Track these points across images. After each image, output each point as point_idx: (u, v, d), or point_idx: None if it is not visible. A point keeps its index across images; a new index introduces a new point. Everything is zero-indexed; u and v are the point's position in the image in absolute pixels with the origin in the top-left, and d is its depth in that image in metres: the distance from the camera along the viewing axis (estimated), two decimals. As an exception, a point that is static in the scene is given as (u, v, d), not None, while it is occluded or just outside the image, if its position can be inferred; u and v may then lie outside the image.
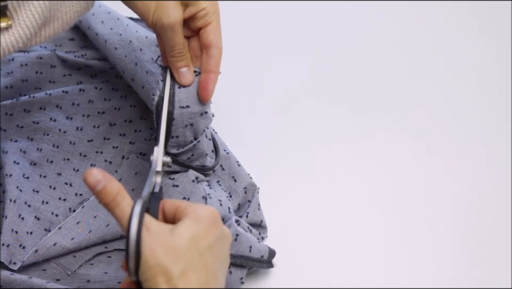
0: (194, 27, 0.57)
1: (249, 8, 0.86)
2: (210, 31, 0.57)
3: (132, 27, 0.70)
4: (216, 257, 0.48)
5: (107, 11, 0.72)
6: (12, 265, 0.60)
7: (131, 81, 0.68)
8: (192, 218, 0.48)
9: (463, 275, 0.63)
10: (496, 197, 0.69)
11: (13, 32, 0.48)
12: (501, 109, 0.77)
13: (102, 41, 0.70)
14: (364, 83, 0.79)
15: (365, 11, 0.87)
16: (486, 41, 0.84)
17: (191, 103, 0.59)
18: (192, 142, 0.60)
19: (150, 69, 0.65)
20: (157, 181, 0.53)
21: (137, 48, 0.67)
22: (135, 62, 0.66)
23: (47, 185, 0.66)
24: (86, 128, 0.70)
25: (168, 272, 0.44)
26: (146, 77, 0.65)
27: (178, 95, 0.58)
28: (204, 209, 0.49)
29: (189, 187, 0.60)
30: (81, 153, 0.69)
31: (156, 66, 0.65)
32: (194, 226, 0.47)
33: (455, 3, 0.88)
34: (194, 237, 0.46)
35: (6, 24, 0.48)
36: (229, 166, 0.67)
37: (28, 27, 0.48)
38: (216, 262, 0.48)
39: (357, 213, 0.67)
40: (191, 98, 0.59)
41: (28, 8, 0.48)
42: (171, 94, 0.58)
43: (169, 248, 0.45)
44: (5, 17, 0.47)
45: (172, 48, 0.57)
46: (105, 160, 0.69)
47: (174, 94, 0.58)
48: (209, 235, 0.48)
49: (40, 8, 0.48)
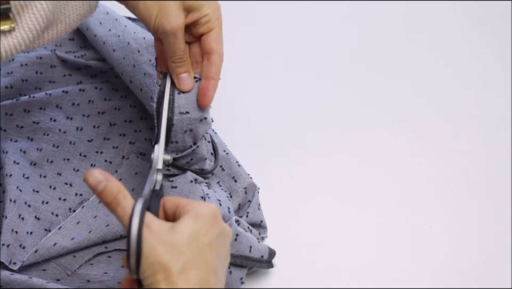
0: (196, 33, 0.57)
1: (248, 8, 0.86)
2: (212, 38, 0.57)
3: (130, 28, 0.70)
4: (216, 254, 0.48)
5: (105, 12, 0.72)
6: (12, 265, 0.60)
7: (129, 83, 0.68)
8: (192, 215, 0.48)
9: (463, 275, 0.63)
10: (496, 197, 0.69)
11: (16, 35, 0.47)
12: (502, 109, 0.77)
13: (100, 42, 0.70)
14: (363, 83, 0.79)
15: (365, 11, 0.87)
16: (486, 41, 0.84)
17: (190, 109, 0.59)
18: (191, 146, 0.60)
19: (148, 70, 0.65)
20: (157, 178, 0.53)
21: (135, 50, 0.67)
22: (133, 64, 0.66)
23: (47, 185, 0.66)
24: (86, 128, 0.70)
25: (167, 269, 0.45)
26: (144, 80, 0.65)
27: (178, 101, 0.58)
28: (204, 206, 0.49)
29: (187, 188, 0.60)
30: (81, 153, 0.69)
31: (153, 68, 0.64)
32: (194, 224, 0.47)
33: (456, 3, 0.88)
34: (194, 234, 0.47)
35: (8, 27, 0.47)
36: (229, 166, 0.67)
37: (31, 30, 0.48)
38: (216, 259, 0.48)
39: (356, 213, 0.67)
40: (191, 104, 0.59)
41: (31, 11, 0.47)
42: (171, 99, 0.58)
43: (168, 245, 0.45)
44: (8, 20, 0.47)
45: (173, 54, 0.57)
46: (105, 160, 0.69)
47: (173, 100, 0.58)
48: (209, 232, 0.48)
49: (43, 11, 0.48)
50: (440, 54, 0.82)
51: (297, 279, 0.63)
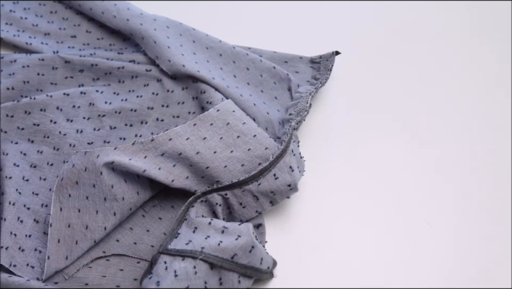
0: None
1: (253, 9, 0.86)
2: None
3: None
4: None
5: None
6: (12, 267, 0.60)
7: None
8: None
9: (463, 275, 0.63)
10: (496, 197, 0.69)
11: None
12: (502, 109, 0.76)
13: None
14: (363, 83, 0.78)
15: (364, 11, 0.87)
16: (486, 41, 0.83)
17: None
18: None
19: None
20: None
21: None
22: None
23: (47, 188, 0.66)
24: (86, 130, 0.70)
25: None
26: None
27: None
28: None
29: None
30: (81, 156, 0.69)
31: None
32: None
33: (455, 3, 0.88)
34: None
35: None
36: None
37: None
38: None
39: (356, 213, 0.67)
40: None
41: None
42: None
43: None
44: None
45: None
46: (105, 163, 0.69)
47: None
48: None
49: None
50: (440, 54, 0.82)
51: (297, 279, 0.62)
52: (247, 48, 0.78)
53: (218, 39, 0.76)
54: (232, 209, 0.63)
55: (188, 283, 0.55)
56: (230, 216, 0.64)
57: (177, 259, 0.56)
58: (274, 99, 0.73)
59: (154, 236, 0.64)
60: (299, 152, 0.66)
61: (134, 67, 0.74)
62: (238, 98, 0.70)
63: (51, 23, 0.80)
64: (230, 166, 0.63)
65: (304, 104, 0.70)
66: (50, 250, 0.60)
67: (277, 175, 0.62)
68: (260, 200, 0.63)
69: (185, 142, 0.63)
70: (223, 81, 0.72)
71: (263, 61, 0.75)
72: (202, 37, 0.76)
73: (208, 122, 0.65)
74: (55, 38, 0.79)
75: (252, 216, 0.63)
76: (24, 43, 0.78)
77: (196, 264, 0.56)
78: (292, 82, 0.74)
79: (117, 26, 0.76)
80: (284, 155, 0.63)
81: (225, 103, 0.67)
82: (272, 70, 0.74)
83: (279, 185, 0.62)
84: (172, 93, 0.73)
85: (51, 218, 0.60)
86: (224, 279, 0.56)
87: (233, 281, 0.57)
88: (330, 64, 0.75)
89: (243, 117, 0.66)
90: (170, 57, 0.72)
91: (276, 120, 0.70)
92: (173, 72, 0.72)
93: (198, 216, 0.61)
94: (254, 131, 0.65)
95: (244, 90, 0.73)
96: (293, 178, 0.63)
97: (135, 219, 0.65)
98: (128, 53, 0.76)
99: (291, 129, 0.66)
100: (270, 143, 0.64)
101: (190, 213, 0.61)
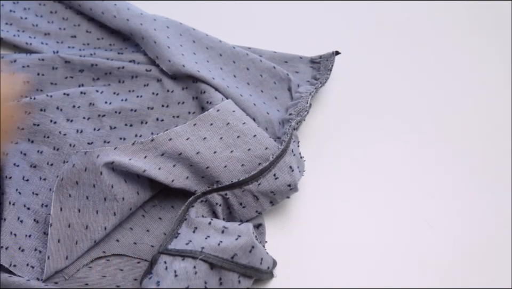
0: None
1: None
2: None
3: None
4: None
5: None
6: (12, 267, 0.60)
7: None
8: None
9: (463, 275, 0.63)
10: (497, 197, 0.69)
11: None
12: (502, 109, 0.76)
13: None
14: (363, 83, 0.78)
15: (364, 11, 0.87)
16: (487, 41, 0.83)
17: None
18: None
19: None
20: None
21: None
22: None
23: (47, 188, 0.66)
24: (86, 130, 0.70)
25: None
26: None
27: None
28: None
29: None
30: (81, 156, 0.69)
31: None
32: None
33: (456, 3, 0.88)
34: None
35: None
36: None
37: None
38: None
39: (356, 212, 0.67)
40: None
41: None
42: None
43: None
44: None
45: None
46: (105, 163, 0.69)
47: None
48: None
49: None
50: (440, 54, 0.82)
51: (297, 279, 0.63)
52: (247, 48, 0.78)
53: (218, 39, 0.76)
54: (232, 209, 0.63)
55: (187, 283, 0.55)
56: (230, 216, 0.64)
57: (177, 259, 0.56)
58: (274, 99, 0.73)
59: (154, 236, 0.64)
60: (299, 152, 0.66)
61: (134, 67, 0.74)
62: (238, 98, 0.70)
63: (51, 23, 0.80)
64: (230, 166, 0.63)
65: (304, 104, 0.70)
66: (50, 250, 0.60)
67: (277, 175, 0.62)
68: (260, 200, 0.63)
69: (185, 142, 0.63)
70: (223, 81, 0.72)
71: (263, 61, 0.75)
72: (202, 37, 0.76)
73: (208, 122, 0.65)
74: (55, 38, 0.79)
75: (251, 216, 0.63)
76: (24, 43, 0.78)
77: (196, 264, 0.56)
78: (292, 82, 0.74)
79: (117, 26, 0.76)
80: (283, 155, 0.63)
81: (225, 103, 0.67)
82: (272, 70, 0.74)
83: (279, 185, 0.62)
84: (171, 93, 0.73)
85: (51, 218, 0.60)
86: (224, 279, 0.56)
87: (233, 281, 0.57)
88: (330, 64, 0.75)
89: (243, 117, 0.66)
90: (170, 57, 0.72)
91: (276, 120, 0.70)
92: (173, 72, 0.72)
93: (198, 216, 0.61)
94: (254, 131, 0.65)
95: (244, 90, 0.73)
96: (293, 178, 0.63)
97: (135, 219, 0.65)
98: (128, 53, 0.76)
99: (291, 129, 0.66)
100: (270, 143, 0.64)
101: (190, 213, 0.61)
